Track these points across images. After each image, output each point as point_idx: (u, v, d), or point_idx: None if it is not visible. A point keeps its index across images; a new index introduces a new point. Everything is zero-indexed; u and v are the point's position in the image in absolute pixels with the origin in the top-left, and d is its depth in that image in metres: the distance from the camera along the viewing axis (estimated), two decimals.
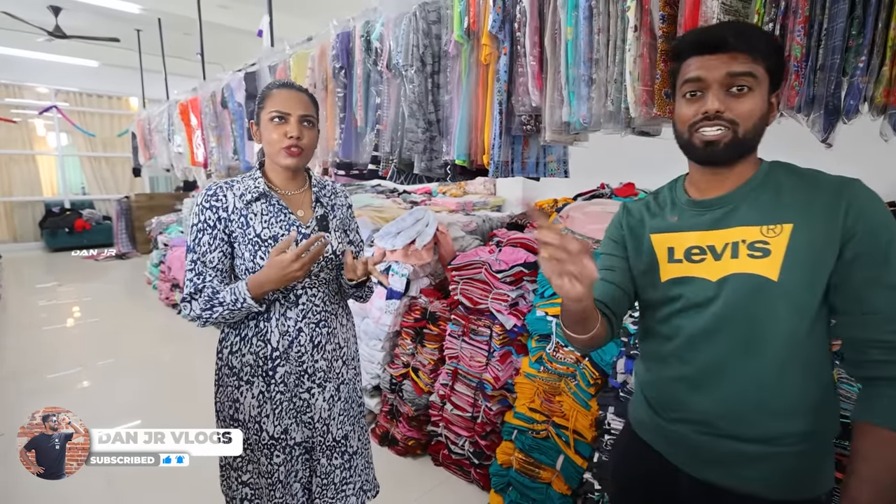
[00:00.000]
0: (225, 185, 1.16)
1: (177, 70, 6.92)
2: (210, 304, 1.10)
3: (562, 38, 1.37)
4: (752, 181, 0.78)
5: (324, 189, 1.28)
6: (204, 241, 1.12)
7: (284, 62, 2.69)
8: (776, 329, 0.74)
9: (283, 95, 1.14)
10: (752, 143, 0.76)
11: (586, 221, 1.74)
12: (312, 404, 1.21)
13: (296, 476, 1.22)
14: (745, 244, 0.76)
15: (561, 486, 1.77)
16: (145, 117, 5.71)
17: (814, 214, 0.72)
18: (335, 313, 1.26)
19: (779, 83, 0.77)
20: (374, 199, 3.53)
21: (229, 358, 1.19)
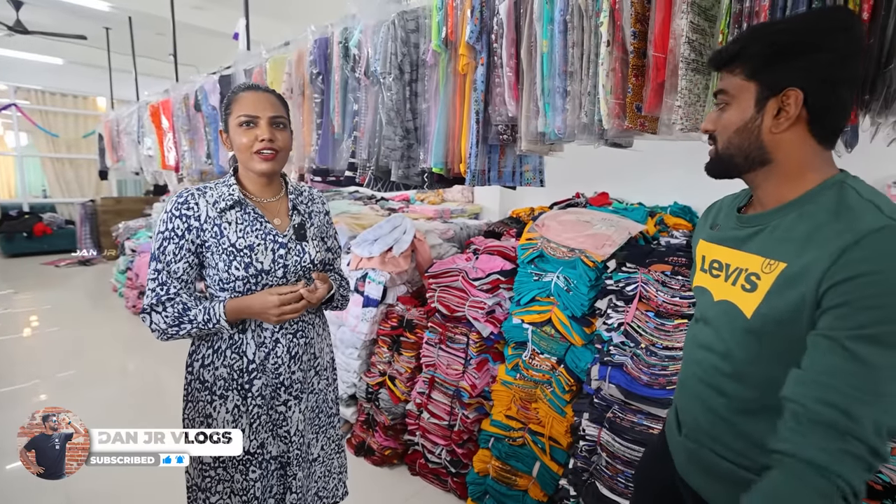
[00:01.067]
0: (197, 192, 1.11)
1: (148, 70, 6.75)
2: (179, 320, 1.07)
3: (537, 50, 1.40)
4: (788, 205, 0.70)
5: (301, 196, 1.25)
6: (169, 251, 1.08)
7: (261, 66, 2.65)
8: (745, 365, 0.73)
9: (250, 98, 1.10)
10: (740, 157, 0.73)
11: (561, 230, 1.77)
12: (289, 417, 1.18)
13: (270, 492, 1.18)
14: (744, 273, 0.73)
15: (537, 493, 1.78)
16: (113, 118, 5.53)
17: (808, 258, 0.64)
18: (312, 323, 1.24)
19: (778, 85, 0.68)
20: (352, 205, 3.51)
21: (200, 371, 1.13)
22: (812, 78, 0.66)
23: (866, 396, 0.55)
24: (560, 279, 1.73)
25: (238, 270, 1.09)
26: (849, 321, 0.58)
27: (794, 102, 0.67)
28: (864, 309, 0.58)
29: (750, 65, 0.70)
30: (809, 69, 0.66)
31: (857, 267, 0.59)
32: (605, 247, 1.66)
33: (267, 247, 1.12)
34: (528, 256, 1.85)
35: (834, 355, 0.58)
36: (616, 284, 1.61)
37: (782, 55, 0.67)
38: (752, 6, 1.04)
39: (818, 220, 0.65)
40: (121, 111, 5.38)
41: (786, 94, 0.67)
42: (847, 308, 0.59)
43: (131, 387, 3.24)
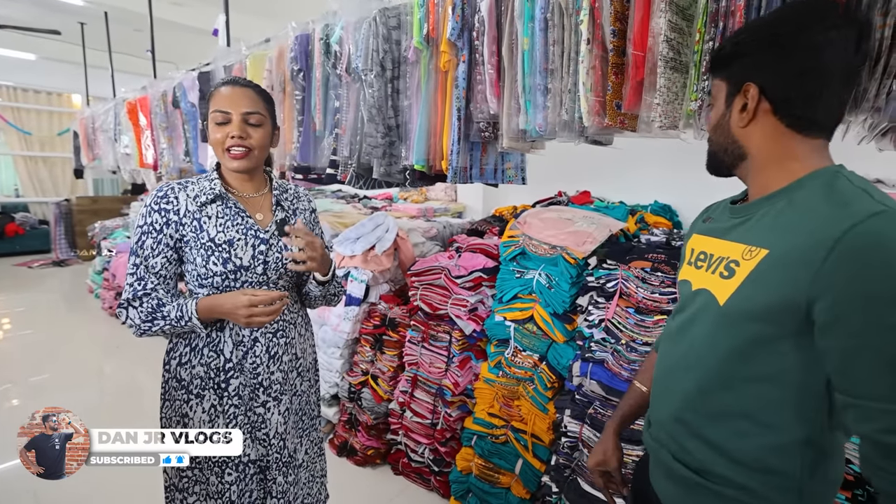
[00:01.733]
0: (178, 186, 1.10)
1: (125, 67, 6.58)
2: (152, 316, 1.05)
3: (518, 48, 1.40)
4: (776, 194, 0.69)
5: (285, 193, 1.23)
6: (147, 245, 1.06)
7: (241, 63, 2.61)
8: (706, 353, 0.72)
9: (225, 93, 1.08)
10: (722, 153, 0.76)
11: (542, 227, 1.78)
12: (268, 419, 1.15)
13: (250, 496, 1.15)
14: (724, 261, 0.72)
15: (520, 490, 1.78)
16: (89, 115, 5.39)
17: (792, 242, 0.62)
18: (294, 322, 1.21)
19: (738, 81, 0.70)
20: (334, 204, 3.47)
21: (177, 370, 1.12)
22: (766, 71, 0.68)
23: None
24: (542, 276, 1.74)
25: (216, 266, 1.07)
26: (885, 330, 0.56)
27: (751, 96, 0.69)
28: (887, 304, 0.55)
29: (718, 65, 0.74)
30: (762, 63, 0.68)
31: (856, 262, 0.56)
32: (586, 244, 1.67)
33: (247, 242, 1.10)
34: (511, 254, 1.86)
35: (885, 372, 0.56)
36: (597, 281, 1.62)
37: (741, 52, 0.70)
38: (728, 5, 1.05)
39: (807, 205, 0.64)
40: (96, 108, 5.24)
41: (745, 89, 0.70)
42: (868, 315, 0.56)
43: (107, 389, 3.16)
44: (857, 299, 0.56)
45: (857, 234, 0.56)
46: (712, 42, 1.08)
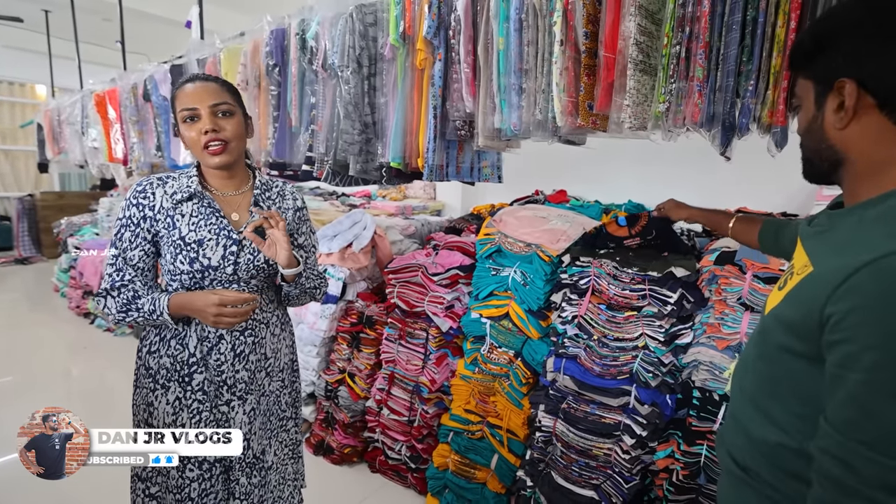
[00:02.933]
0: (157, 182, 1.11)
1: (93, 58, 6.34)
2: (127, 307, 1.07)
3: (494, 47, 1.42)
4: (859, 205, 0.62)
5: (268, 191, 1.20)
6: (126, 238, 1.08)
7: (215, 56, 2.56)
8: (755, 366, 0.70)
9: (189, 90, 1.07)
10: (816, 159, 0.67)
11: (518, 225, 1.80)
12: (232, 418, 1.15)
13: (215, 497, 1.15)
14: (788, 271, 0.68)
15: (495, 485, 1.81)
16: (54, 107, 5.19)
17: (830, 266, 0.57)
18: (266, 322, 1.20)
19: (827, 78, 0.61)
20: (312, 201, 3.44)
21: (147, 358, 1.14)
22: (861, 61, 0.57)
23: (867, 452, 0.52)
24: (517, 273, 1.76)
25: (183, 264, 1.07)
26: (857, 363, 0.52)
27: (849, 93, 0.58)
28: (866, 349, 0.51)
29: (803, 63, 0.65)
30: (854, 52, 0.58)
31: (862, 292, 0.52)
32: (560, 241, 1.70)
33: (218, 242, 1.09)
34: (487, 251, 1.87)
35: (848, 405, 0.53)
36: (570, 278, 1.65)
37: (823, 45, 0.61)
38: (694, 11, 1.09)
39: (866, 227, 0.57)
40: (62, 100, 5.05)
41: (838, 87, 0.59)
42: (853, 345, 0.52)
43: (76, 392, 3.06)
44: (854, 323, 0.53)
45: (879, 265, 0.51)
46: (679, 46, 1.12)
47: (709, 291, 1.46)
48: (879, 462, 0.50)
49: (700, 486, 1.37)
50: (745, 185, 2.23)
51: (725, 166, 1.34)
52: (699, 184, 2.44)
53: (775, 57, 1.01)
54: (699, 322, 1.45)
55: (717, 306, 1.42)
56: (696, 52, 1.09)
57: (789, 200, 2.21)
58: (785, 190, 2.20)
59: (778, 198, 2.20)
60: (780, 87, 1.03)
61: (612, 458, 1.51)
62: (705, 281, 1.47)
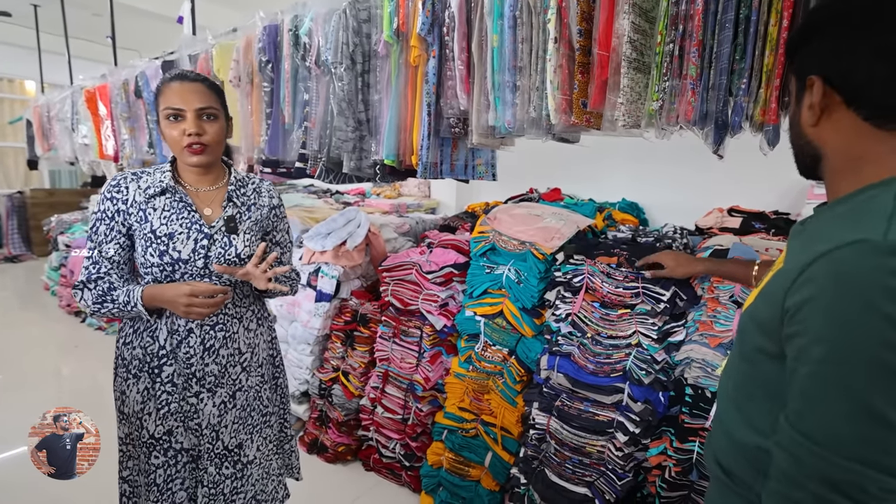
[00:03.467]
0: (131, 176, 1.14)
1: (83, 53, 6.27)
2: (102, 299, 1.11)
3: (488, 44, 1.41)
4: (834, 202, 0.61)
5: (243, 188, 1.22)
6: (101, 231, 1.12)
7: (207, 52, 2.53)
8: (737, 367, 0.69)
9: (176, 89, 1.09)
10: (801, 154, 0.66)
11: (512, 223, 1.80)
12: (200, 409, 1.18)
13: (181, 484, 1.19)
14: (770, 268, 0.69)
15: (489, 482, 1.81)
16: (44, 103, 5.12)
17: (796, 262, 0.56)
18: (239, 317, 1.22)
19: (803, 75, 0.61)
20: (306, 198, 3.42)
21: (122, 349, 1.19)
22: (826, 59, 0.58)
23: (812, 447, 0.51)
24: (511, 271, 1.76)
25: (153, 257, 1.11)
26: (805, 355, 0.52)
27: (816, 90, 0.59)
28: (815, 341, 0.51)
29: (788, 59, 0.66)
30: (820, 50, 0.59)
31: (816, 282, 0.51)
32: (554, 239, 1.70)
33: (189, 236, 1.13)
34: (481, 249, 1.87)
35: (797, 397, 0.53)
36: (564, 276, 1.65)
37: (800, 42, 0.62)
38: (688, 9, 1.09)
39: (833, 221, 0.57)
40: (52, 96, 4.98)
41: (808, 84, 0.60)
42: (804, 339, 0.52)
43: (67, 390, 3.03)
44: (799, 322, 0.53)
45: (834, 255, 0.50)
46: (672, 44, 1.12)
47: (701, 289, 1.47)
48: (821, 456, 0.49)
49: (692, 482, 1.38)
50: (737, 184, 2.24)
51: (718, 165, 1.35)
52: (692, 182, 2.45)
53: (768, 55, 1.01)
54: (692, 320, 1.45)
55: (710, 304, 1.43)
56: (689, 51, 1.09)
57: (780, 198, 2.22)
58: (777, 188, 2.22)
59: (770, 196, 2.22)
60: (772, 85, 1.03)
61: (605, 455, 1.52)
62: (698, 279, 1.48)
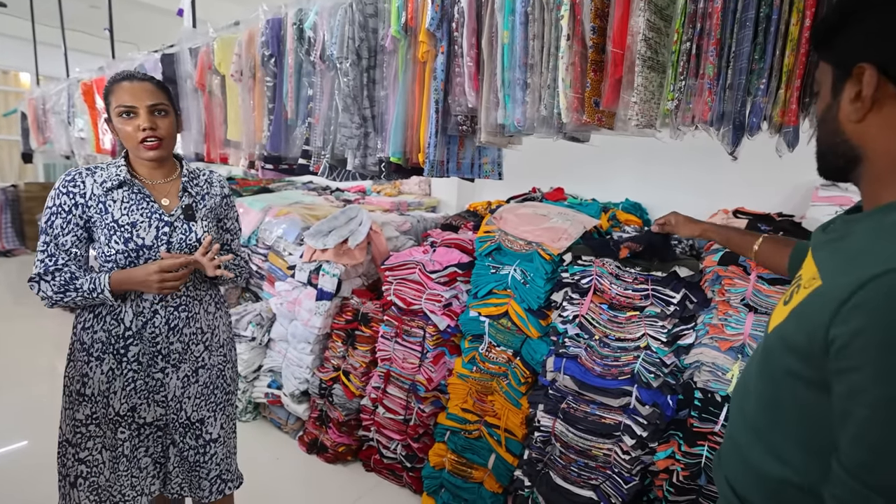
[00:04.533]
0: (85, 172, 1.19)
1: (79, 46, 6.20)
2: (65, 288, 1.14)
3: (498, 41, 1.38)
4: (877, 210, 0.55)
5: (195, 179, 1.31)
6: (57, 225, 1.16)
7: (208, 45, 2.49)
8: (757, 388, 0.63)
9: (127, 88, 1.15)
10: (831, 154, 0.60)
11: (518, 223, 1.78)
12: (166, 383, 1.25)
13: (146, 451, 1.27)
14: (795, 283, 0.62)
15: (493, 484, 1.79)
16: (39, 96, 5.05)
17: (839, 281, 0.50)
18: (200, 299, 1.30)
19: (846, 63, 0.54)
20: (305, 195, 3.39)
21: (81, 333, 1.22)
22: (884, 44, 0.51)
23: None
24: (517, 272, 1.74)
25: (118, 244, 1.16)
26: (864, 396, 0.46)
27: (868, 81, 0.52)
28: (876, 381, 0.45)
29: (822, 43, 0.58)
30: (877, 33, 0.52)
31: (866, 313, 0.45)
32: (561, 240, 1.68)
33: (151, 224, 1.19)
34: (486, 249, 1.85)
35: (857, 444, 0.47)
36: (572, 277, 1.63)
37: (843, 25, 0.54)
38: (706, 7, 1.07)
39: (881, 234, 0.51)
40: (48, 88, 4.91)
41: (857, 74, 0.53)
42: (861, 375, 0.46)
43: (59, 386, 2.98)
44: (851, 357, 0.47)
45: (883, 281, 0.45)
46: (689, 43, 1.10)
47: (712, 292, 1.45)
48: None
49: (700, 486, 1.36)
50: (742, 185, 2.22)
51: (723, 166, 1.33)
52: (697, 183, 2.44)
53: (788, 55, 0.99)
54: (702, 323, 1.44)
55: (721, 307, 1.41)
56: (707, 49, 1.07)
57: (786, 200, 2.21)
58: (782, 190, 2.21)
59: (775, 198, 2.21)
60: (792, 85, 1.01)
61: (611, 458, 1.50)
62: (708, 281, 1.46)
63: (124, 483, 1.25)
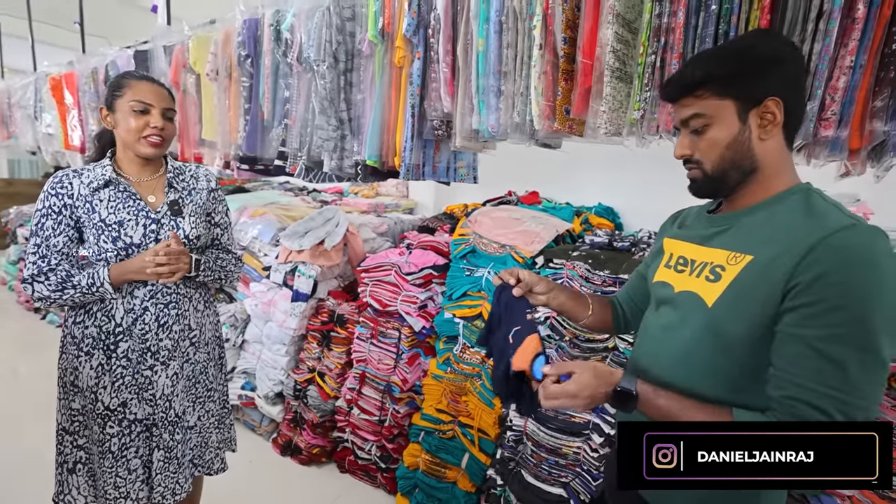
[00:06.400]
0: (72, 173, 1.22)
1: (47, 38, 5.99)
2: (62, 286, 1.17)
3: (473, 48, 1.42)
4: (758, 206, 0.75)
5: (181, 175, 1.33)
6: (48, 226, 1.19)
7: (183, 44, 2.46)
8: (698, 352, 0.76)
9: (147, 88, 1.22)
10: (733, 171, 0.75)
11: (493, 226, 1.82)
12: (155, 381, 1.26)
13: (135, 452, 1.26)
14: (709, 266, 0.76)
15: (466, 484, 1.82)
16: (4, 89, 4.89)
17: (775, 252, 0.68)
18: (189, 297, 1.32)
19: (756, 97, 0.72)
20: (282, 196, 3.36)
21: (72, 328, 1.24)
22: (787, 86, 0.72)
23: (841, 396, 0.61)
24: (491, 274, 1.77)
25: (106, 244, 1.19)
26: (817, 323, 0.62)
27: (778, 109, 0.71)
28: (834, 309, 0.61)
29: (720, 85, 0.73)
30: (783, 79, 0.71)
31: (824, 264, 0.62)
32: (534, 243, 1.72)
33: (138, 222, 1.22)
34: (461, 251, 1.88)
35: (805, 357, 0.63)
36: None
37: (755, 70, 0.71)
38: (669, 22, 1.12)
39: (787, 219, 0.70)
40: (13, 81, 4.76)
41: (766, 104, 0.71)
42: (815, 307, 0.62)
43: (25, 391, 2.88)
44: (820, 290, 0.63)
45: (829, 242, 0.63)
46: (654, 55, 1.15)
47: None
48: (848, 402, 0.61)
49: None
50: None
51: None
52: (669, 186, 2.50)
53: None
54: None
55: None
56: (670, 62, 1.12)
57: None
58: None
59: None
60: None
61: (580, 456, 1.54)
62: None
63: (108, 481, 1.24)
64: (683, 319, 0.79)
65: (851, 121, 0.96)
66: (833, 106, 0.97)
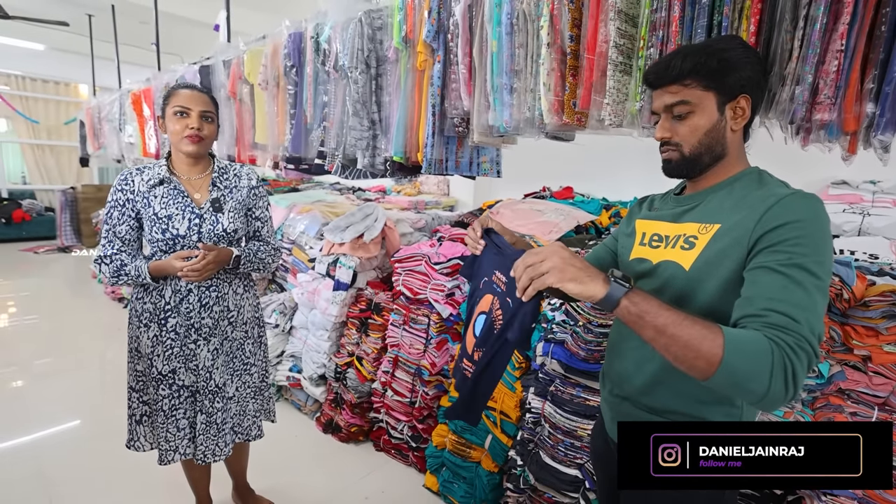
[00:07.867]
0: (136, 171, 1.43)
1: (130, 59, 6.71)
2: (118, 273, 1.40)
3: (488, 49, 1.51)
4: (719, 185, 0.86)
5: (225, 174, 1.51)
6: (114, 216, 1.41)
7: (238, 58, 2.73)
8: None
9: (186, 94, 1.40)
10: (707, 155, 0.85)
11: (513, 217, 1.89)
12: (198, 353, 1.47)
13: (183, 413, 1.48)
14: (683, 237, 0.85)
15: (489, 464, 1.91)
16: (95, 105, 5.53)
17: (738, 217, 0.78)
18: (229, 282, 1.51)
19: (733, 92, 0.81)
20: (328, 195, 3.60)
21: (135, 303, 1.47)
22: (753, 85, 0.83)
23: (803, 306, 0.69)
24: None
25: (157, 234, 1.40)
26: (781, 255, 0.72)
27: (747, 105, 0.82)
28: (792, 245, 0.72)
29: (706, 78, 0.81)
30: (751, 78, 0.82)
31: (781, 217, 0.73)
32: (552, 233, 1.79)
33: (184, 217, 1.41)
34: None
35: (773, 279, 0.71)
36: None
37: (732, 68, 0.81)
38: (666, 16, 1.17)
39: (745, 192, 0.82)
40: (102, 98, 5.37)
41: (739, 100, 0.82)
42: (778, 246, 0.72)
43: (109, 373, 3.28)
44: (781, 233, 0.73)
45: (782, 203, 0.75)
46: (653, 48, 1.20)
47: None
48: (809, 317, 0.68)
49: None
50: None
51: None
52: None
53: None
54: None
55: None
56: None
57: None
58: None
59: None
60: None
61: None
62: None
63: (160, 435, 1.48)
64: (664, 285, 0.86)
65: (844, 104, 0.97)
66: (826, 90, 0.98)
